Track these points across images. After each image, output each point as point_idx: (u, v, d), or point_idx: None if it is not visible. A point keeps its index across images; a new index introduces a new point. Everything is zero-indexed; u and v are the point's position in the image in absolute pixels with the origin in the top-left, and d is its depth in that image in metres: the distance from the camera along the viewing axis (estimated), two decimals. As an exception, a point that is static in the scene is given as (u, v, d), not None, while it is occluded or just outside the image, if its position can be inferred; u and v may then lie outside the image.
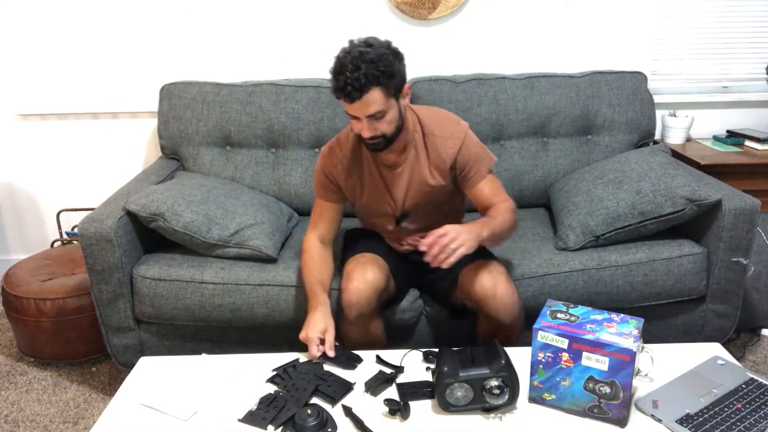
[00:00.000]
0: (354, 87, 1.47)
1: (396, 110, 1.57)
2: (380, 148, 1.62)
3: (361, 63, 1.46)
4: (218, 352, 1.95)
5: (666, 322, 2.03)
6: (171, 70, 2.65)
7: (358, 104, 1.50)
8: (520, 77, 2.42)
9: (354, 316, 1.63)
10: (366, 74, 1.46)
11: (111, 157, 2.76)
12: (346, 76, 1.47)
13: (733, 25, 2.68)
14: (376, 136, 1.57)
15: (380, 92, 1.50)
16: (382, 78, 1.48)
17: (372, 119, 1.54)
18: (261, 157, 2.39)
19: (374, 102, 1.50)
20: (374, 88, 1.49)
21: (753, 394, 1.34)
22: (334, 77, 1.50)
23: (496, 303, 1.62)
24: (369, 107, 1.51)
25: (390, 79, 1.50)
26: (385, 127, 1.56)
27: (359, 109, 1.52)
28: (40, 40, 2.61)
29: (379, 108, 1.52)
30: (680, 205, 1.90)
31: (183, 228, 1.91)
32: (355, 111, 1.53)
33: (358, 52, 1.48)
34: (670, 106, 2.73)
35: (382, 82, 1.49)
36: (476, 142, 1.73)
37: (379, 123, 1.55)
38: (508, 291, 1.63)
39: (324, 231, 1.80)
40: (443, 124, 1.72)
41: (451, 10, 2.55)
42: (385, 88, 1.51)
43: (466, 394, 1.31)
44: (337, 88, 1.50)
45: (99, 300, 1.92)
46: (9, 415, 2.00)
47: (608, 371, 1.26)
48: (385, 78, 1.49)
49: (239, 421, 1.33)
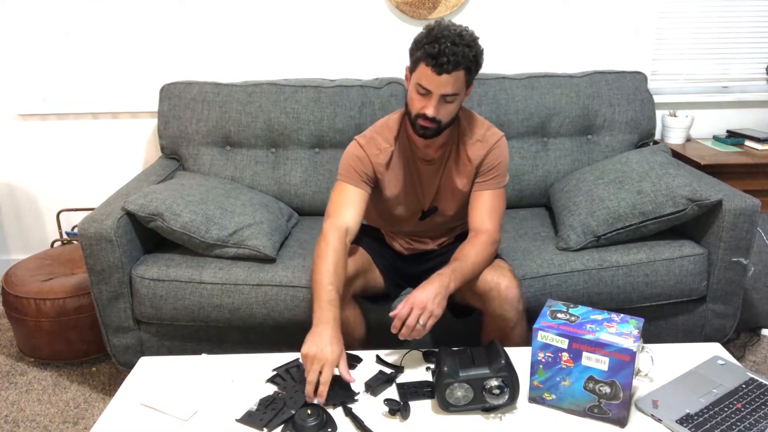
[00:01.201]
0: (449, 60, 1.45)
1: (460, 102, 1.58)
2: (429, 135, 1.59)
3: (460, 41, 1.46)
4: (218, 352, 1.95)
5: (666, 322, 2.03)
6: (171, 70, 2.65)
7: (444, 78, 1.48)
8: (520, 77, 2.42)
9: None
10: (463, 54, 1.46)
11: (111, 157, 2.76)
12: (445, 46, 1.44)
13: (733, 25, 2.68)
14: (435, 119, 1.54)
15: (464, 76, 1.50)
16: (471, 64, 1.49)
17: (443, 100, 1.52)
18: (261, 157, 2.39)
19: (456, 82, 1.50)
20: (462, 70, 1.49)
21: (753, 394, 1.34)
22: (428, 44, 1.46)
23: (501, 297, 1.62)
24: (449, 86, 1.49)
25: (475, 67, 1.52)
26: (445, 113, 1.55)
27: (440, 84, 1.49)
28: (40, 40, 2.61)
29: (456, 90, 1.51)
30: (681, 205, 1.90)
31: (181, 228, 1.91)
32: (434, 85, 1.49)
33: (457, 30, 1.48)
34: (670, 106, 2.73)
35: (470, 68, 1.50)
36: (503, 154, 1.72)
37: (444, 107, 1.54)
38: (513, 284, 1.63)
39: (350, 218, 1.65)
40: (478, 127, 1.72)
41: (451, 10, 2.55)
42: (468, 75, 1.52)
43: (466, 394, 1.31)
44: (430, 54, 1.46)
45: (99, 300, 1.92)
46: (9, 415, 2.00)
47: (608, 371, 1.26)
48: (473, 65, 1.51)
49: (237, 422, 1.33)
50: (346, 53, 2.62)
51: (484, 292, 1.64)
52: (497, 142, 1.71)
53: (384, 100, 2.37)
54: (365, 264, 1.75)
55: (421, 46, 1.49)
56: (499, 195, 1.72)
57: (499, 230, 1.70)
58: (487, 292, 1.64)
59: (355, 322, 1.75)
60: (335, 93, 2.37)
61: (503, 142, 1.72)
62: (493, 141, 1.70)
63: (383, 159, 1.71)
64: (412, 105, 1.58)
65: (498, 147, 1.71)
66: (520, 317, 1.68)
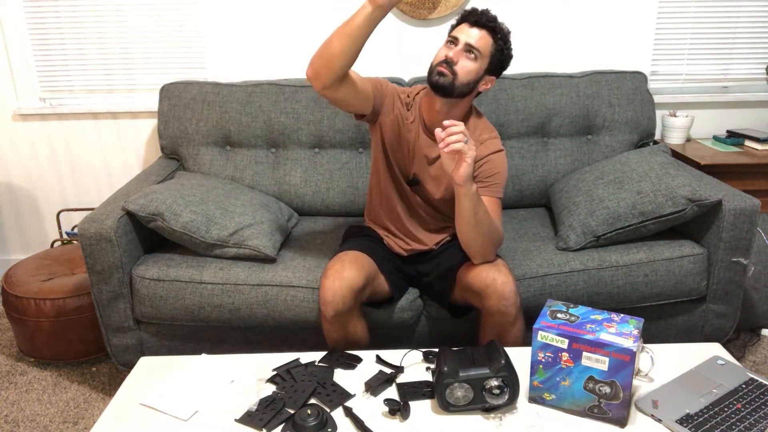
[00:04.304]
0: (486, 19, 1.63)
1: (479, 70, 1.67)
2: (441, 84, 1.65)
3: (494, 17, 1.66)
4: (218, 352, 1.95)
5: (666, 322, 2.03)
6: (171, 70, 2.65)
7: (474, 30, 1.64)
8: (520, 77, 2.42)
9: (331, 314, 1.63)
10: (499, 28, 1.66)
11: (111, 157, 2.76)
12: (482, 11, 1.65)
13: (733, 25, 2.68)
14: (453, 65, 1.63)
15: (491, 43, 1.65)
16: (499, 40, 1.66)
17: (467, 52, 1.64)
18: (261, 157, 2.39)
19: (482, 40, 1.64)
20: (491, 39, 1.65)
21: (753, 394, 1.34)
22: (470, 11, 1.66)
23: (497, 293, 1.63)
24: (477, 39, 1.63)
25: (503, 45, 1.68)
26: (463, 68, 1.64)
27: (470, 35, 1.64)
28: (40, 40, 2.61)
29: (481, 47, 1.64)
30: (681, 205, 1.90)
31: (182, 228, 1.91)
32: (464, 33, 1.64)
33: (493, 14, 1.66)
34: (670, 106, 2.73)
35: (497, 42, 1.66)
36: (501, 165, 1.76)
37: (465, 61, 1.64)
38: (509, 280, 1.64)
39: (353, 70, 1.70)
40: (483, 130, 1.79)
41: (451, 10, 2.55)
42: (494, 46, 1.66)
43: (466, 394, 1.31)
44: (469, 12, 1.66)
45: (99, 300, 1.92)
46: (9, 415, 2.00)
47: (608, 371, 1.26)
48: (501, 42, 1.67)
49: (237, 422, 1.33)
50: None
51: (481, 288, 1.65)
52: (496, 153, 1.76)
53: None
54: (372, 272, 1.74)
55: (463, 14, 1.68)
56: (496, 202, 1.75)
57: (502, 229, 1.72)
58: (484, 289, 1.65)
59: (362, 332, 1.75)
60: (335, 93, 2.37)
61: (502, 155, 1.77)
62: (493, 149, 1.76)
63: (401, 108, 1.80)
64: (436, 57, 1.68)
65: (496, 158, 1.75)
66: (518, 313, 1.68)
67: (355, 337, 1.72)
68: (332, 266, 1.67)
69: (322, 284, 1.64)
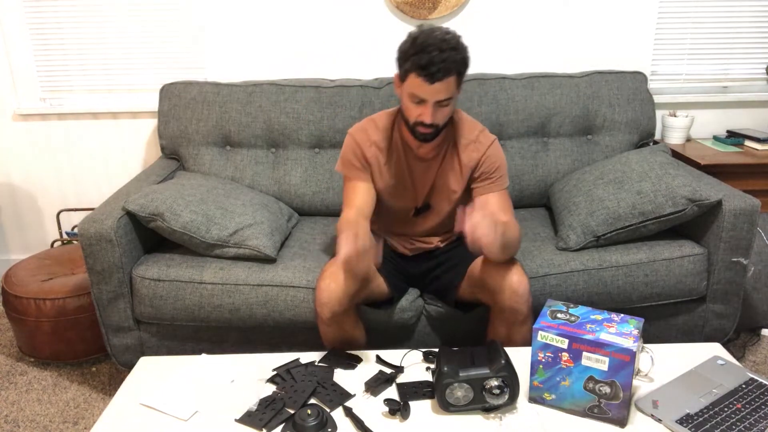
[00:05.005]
0: (439, 68, 1.47)
1: (455, 102, 1.60)
2: (430, 138, 1.62)
3: (447, 47, 1.47)
4: (218, 352, 1.95)
5: (666, 322, 2.03)
6: (171, 70, 2.65)
7: (437, 86, 1.50)
8: (520, 77, 2.42)
9: (327, 315, 1.63)
10: (452, 60, 1.48)
11: (111, 157, 2.76)
12: (432, 56, 1.46)
13: (733, 25, 2.68)
14: (433, 125, 1.58)
15: (455, 80, 1.53)
16: (461, 67, 1.52)
17: (438, 106, 1.55)
18: (261, 157, 2.39)
19: (448, 88, 1.52)
20: (453, 75, 1.51)
21: (753, 394, 1.34)
22: (415, 55, 1.48)
23: (512, 290, 1.62)
24: (443, 92, 1.52)
25: (465, 69, 1.54)
26: (442, 116, 1.58)
27: (434, 92, 1.51)
28: (40, 40, 2.61)
29: (449, 95, 1.54)
30: (681, 206, 1.90)
31: (182, 228, 1.91)
32: (428, 93, 1.52)
33: (442, 35, 1.48)
34: (670, 106, 2.73)
35: (460, 72, 1.52)
36: (500, 156, 1.74)
37: (440, 111, 1.57)
38: (524, 278, 1.63)
39: (359, 208, 1.69)
40: (471, 128, 1.75)
41: (451, 10, 2.55)
42: (459, 77, 1.54)
43: (466, 394, 1.31)
44: (419, 65, 1.48)
45: (99, 300, 1.92)
46: (9, 415, 2.00)
47: (608, 371, 1.26)
48: (463, 68, 1.53)
49: (237, 422, 1.33)
50: (346, 53, 2.62)
51: (495, 285, 1.64)
52: (491, 146, 1.73)
53: (384, 100, 2.37)
54: (369, 274, 1.73)
55: (409, 57, 1.49)
56: (504, 194, 1.75)
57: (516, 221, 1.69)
58: (499, 286, 1.64)
59: (359, 333, 1.75)
60: (335, 93, 2.37)
61: (497, 145, 1.75)
62: (487, 144, 1.73)
63: (376, 150, 1.74)
64: (408, 113, 1.61)
65: (493, 151, 1.73)
66: (529, 312, 1.68)
67: (352, 338, 1.72)
68: (328, 268, 1.66)
69: (318, 286, 1.64)
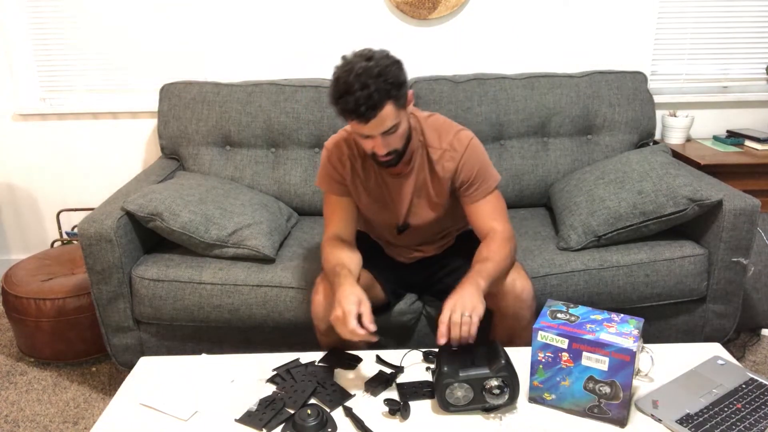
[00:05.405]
0: (368, 106, 1.37)
1: (406, 121, 1.50)
2: (394, 164, 1.54)
3: (368, 79, 1.36)
4: (218, 352, 1.95)
5: (666, 322, 2.03)
6: (171, 70, 2.65)
7: (373, 123, 1.41)
8: (520, 77, 2.42)
9: (323, 327, 1.62)
10: (378, 90, 1.36)
11: (111, 157, 2.76)
12: (356, 97, 1.36)
13: (733, 25, 2.68)
14: (390, 152, 1.49)
15: (392, 106, 1.41)
16: (392, 91, 1.39)
17: (386, 135, 1.45)
18: (261, 157, 2.39)
19: (388, 117, 1.41)
20: (387, 104, 1.39)
21: (753, 394, 1.34)
22: (340, 99, 1.39)
23: (516, 296, 1.61)
24: (384, 124, 1.42)
25: (399, 90, 1.42)
26: (397, 141, 1.49)
27: (374, 127, 1.42)
28: (40, 40, 2.61)
29: (393, 122, 1.43)
30: (682, 205, 1.90)
31: (181, 228, 1.91)
32: (369, 130, 1.43)
33: (361, 68, 1.37)
34: (670, 106, 2.73)
35: (393, 95, 1.40)
36: (478, 158, 1.62)
37: (392, 138, 1.47)
38: (528, 284, 1.62)
39: (340, 229, 1.66)
40: (442, 135, 1.63)
41: (451, 10, 2.55)
42: (396, 101, 1.42)
43: (466, 394, 1.31)
44: (346, 110, 1.39)
45: (99, 300, 1.92)
46: (9, 415, 2.00)
47: (608, 371, 1.26)
48: (396, 90, 1.40)
49: (237, 422, 1.33)
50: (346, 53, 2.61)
51: (500, 291, 1.62)
52: (466, 151, 1.61)
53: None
54: (367, 283, 1.70)
55: (336, 102, 1.41)
56: (493, 197, 1.65)
57: (508, 227, 1.63)
58: (503, 292, 1.62)
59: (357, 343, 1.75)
60: (335, 93, 2.37)
61: (473, 146, 1.62)
62: (462, 150, 1.61)
63: (349, 166, 1.66)
64: (360, 145, 1.53)
65: (469, 156, 1.61)
66: (532, 317, 1.67)
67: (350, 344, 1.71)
68: (322, 281, 1.64)
69: (313, 300, 1.63)
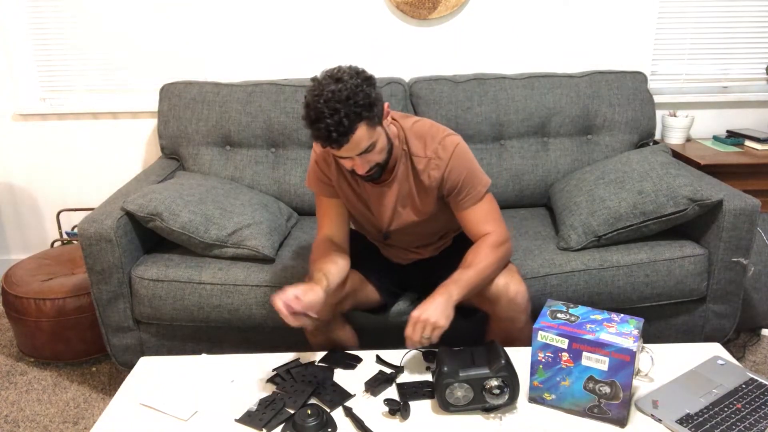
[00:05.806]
0: (339, 133, 1.35)
1: (384, 136, 1.48)
2: (377, 177, 1.54)
3: (336, 104, 1.34)
4: (218, 352, 1.95)
5: (666, 322, 2.03)
6: (171, 70, 2.65)
7: (347, 147, 1.39)
8: (520, 77, 2.42)
9: (310, 328, 1.62)
10: (347, 115, 1.34)
11: (111, 157, 2.76)
12: (326, 124, 1.34)
13: (733, 25, 2.68)
14: (371, 168, 1.49)
15: (365, 126, 1.39)
16: (363, 113, 1.37)
17: (364, 154, 1.44)
18: (261, 157, 2.39)
19: (362, 139, 1.40)
20: (359, 126, 1.38)
21: (753, 394, 1.34)
22: (312, 126, 1.37)
23: (509, 300, 1.61)
24: (359, 146, 1.41)
25: (371, 109, 1.39)
26: (377, 157, 1.48)
27: (349, 150, 1.41)
28: (40, 40, 2.61)
29: (369, 142, 1.42)
30: (682, 205, 1.90)
31: (180, 228, 1.91)
32: (345, 153, 1.43)
33: (329, 93, 1.34)
34: (670, 106, 2.73)
35: (365, 117, 1.38)
36: (465, 165, 1.58)
37: (371, 155, 1.46)
38: (521, 288, 1.62)
39: (330, 231, 1.67)
40: (427, 142, 1.59)
41: (451, 10, 2.55)
42: (370, 121, 1.40)
43: (466, 394, 1.31)
44: (319, 137, 1.38)
45: (99, 300, 1.92)
46: (9, 415, 2.00)
47: (608, 371, 1.26)
48: (367, 111, 1.38)
49: (237, 422, 1.33)
50: (346, 53, 2.62)
51: (492, 295, 1.62)
52: (451, 158, 1.57)
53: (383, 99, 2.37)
54: (356, 284, 1.71)
55: (308, 128, 1.40)
56: (484, 203, 1.62)
57: (501, 230, 1.62)
58: (496, 296, 1.62)
59: (347, 337, 1.76)
60: (335, 93, 2.37)
61: (459, 152, 1.57)
62: (447, 158, 1.57)
63: (334, 170, 1.65)
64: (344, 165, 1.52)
65: (455, 164, 1.57)
66: (527, 320, 1.67)
67: (340, 342, 1.72)
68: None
69: None
